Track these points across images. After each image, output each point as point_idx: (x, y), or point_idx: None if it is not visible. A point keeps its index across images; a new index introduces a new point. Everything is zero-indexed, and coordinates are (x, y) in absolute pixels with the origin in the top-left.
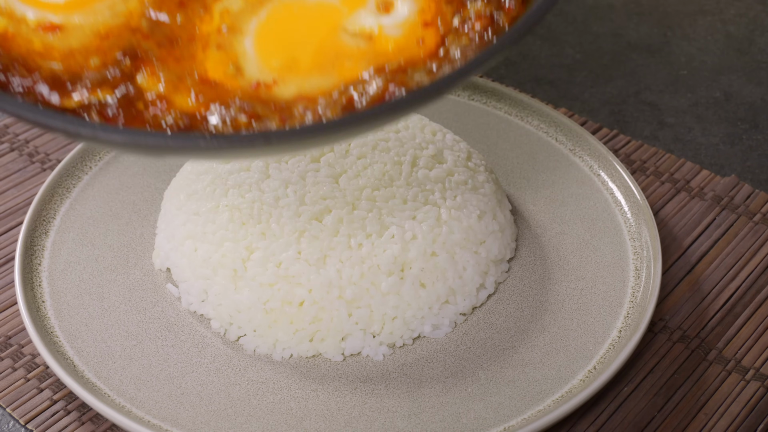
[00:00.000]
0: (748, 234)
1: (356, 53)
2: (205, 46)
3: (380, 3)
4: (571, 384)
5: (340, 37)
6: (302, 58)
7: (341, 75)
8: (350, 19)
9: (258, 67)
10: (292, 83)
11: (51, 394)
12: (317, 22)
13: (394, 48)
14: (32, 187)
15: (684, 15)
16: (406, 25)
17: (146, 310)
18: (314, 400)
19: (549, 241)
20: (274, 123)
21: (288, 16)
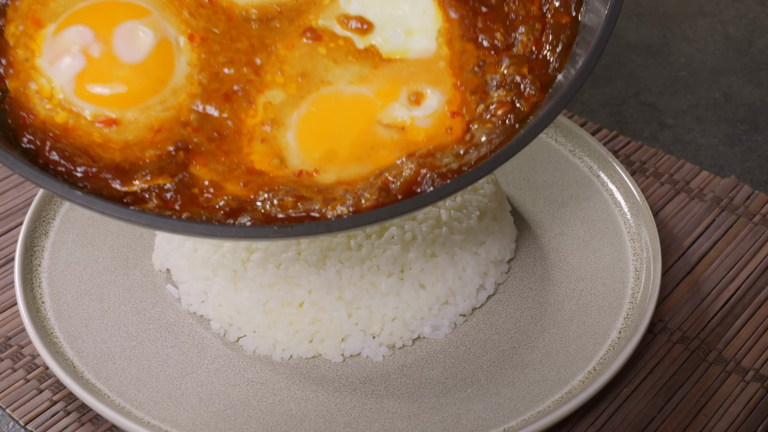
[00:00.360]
0: (748, 235)
1: (390, 143)
2: (251, 139)
3: (411, 95)
4: (570, 385)
5: (375, 129)
6: (341, 150)
7: (376, 163)
8: (384, 112)
9: (300, 158)
10: (332, 171)
11: (51, 394)
12: (354, 114)
13: (424, 137)
14: (32, 188)
15: (684, 16)
16: (435, 115)
17: (146, 311)
18: (314, 401)
19: (549, 242)
20: (318, 203)
21: (326, 108)
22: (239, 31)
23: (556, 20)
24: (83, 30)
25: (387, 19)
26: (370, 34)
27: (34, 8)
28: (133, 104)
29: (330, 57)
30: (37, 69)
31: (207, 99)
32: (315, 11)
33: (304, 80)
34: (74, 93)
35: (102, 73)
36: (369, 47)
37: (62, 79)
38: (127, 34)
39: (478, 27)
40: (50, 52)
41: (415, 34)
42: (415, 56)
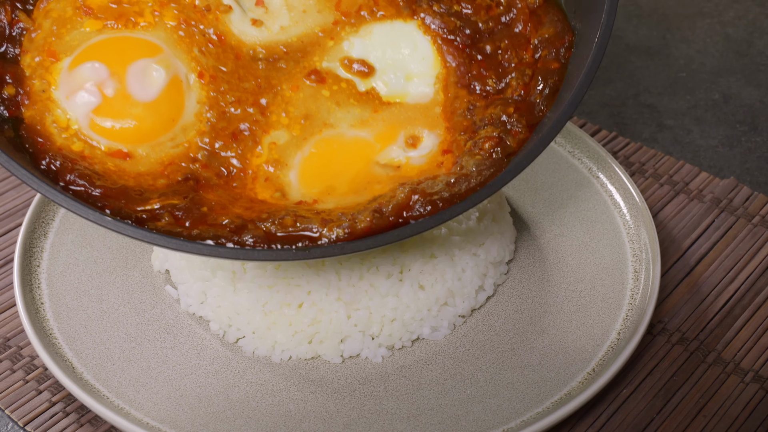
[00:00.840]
0: (747, 236)
1: (385, 179)
2: (255, 178)
3: (408, 138)
4: (570, 386)
5: (373, 169)
6: (339, 187)
7: (372, 194)
8: (382, 154)
9: (300, 192)
10: (330, 202)
11: (50, 395)
12: (353, 156)
13: (417, 173)
14: (31, 189)
15: (683, 17)
16: (429, 155)
17: (145, 312)
18: (313, 402)
19: (548, 243)
20: (316, 223)
21: (328, 150)
22: (247, 70)
23: (546, 66)
24: (98, 66)
25: (388, 62)
26: (372, 78)
27: (50, 41)
28: (145, 141)
29: (333, 99)
30: (54, 101)
31: (215, 137)
32: (319, 53)
33: (307, 122)
34: (89, 127)
35: (116, 111)
36: (370, 90)
37: (77, 113)
38: (140, 73)
39: (472, 74)
40: (66, 85)
41: (414, 79)
42: (413, 101)
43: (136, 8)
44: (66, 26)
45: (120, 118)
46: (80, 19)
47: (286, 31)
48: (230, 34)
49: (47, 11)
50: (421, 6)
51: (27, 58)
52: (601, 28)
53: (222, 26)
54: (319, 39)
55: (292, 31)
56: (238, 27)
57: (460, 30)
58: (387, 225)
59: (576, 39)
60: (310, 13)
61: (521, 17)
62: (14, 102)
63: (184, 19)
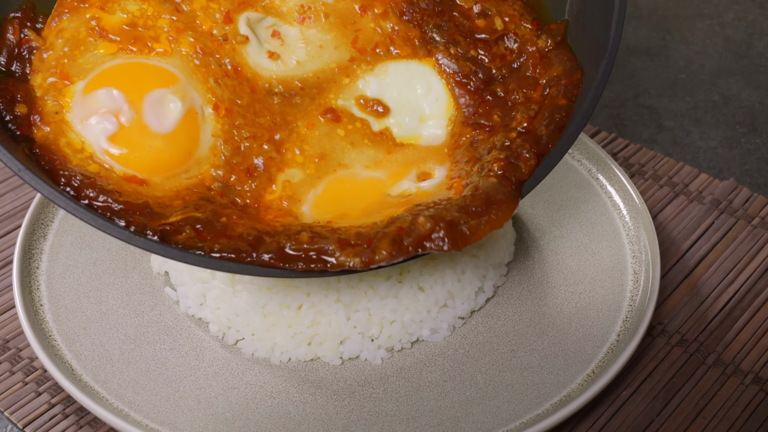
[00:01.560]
0: (747, 237)
1: (397, 205)
2: (268, 208)
3: (420, 174)
4: (569, 388)
5: (385, 200)
6: (352, 213)
7: (384, 216)
8: (393, 188)
9: (314, 219)
10: (344, 223)
11: (49, 397)
12: (366, 192)
13: (427, 198)
14: (30, 191)
15: (682, 19)
16: (438, 183)
17: (144, 314)
18: (312, 404)
19: (547, 244)
20: (332, 244)
21: (341, 189)
22: (262, 105)
23: (553, 102)
24: (115, 93)
25: (402, 102)
26: (386, 118)
27: (62, 62)
28: (160, 173)
29: (347, 139)
30: (67, 123)
31: (230, 171)
32: (335, 90)
33: (322, 161)
34: (104, 153)
35: (132, 140)
36: (384, 130)
37: (92, 138)
38: (157, 103)
39: (479, 112)
40: (81, 109)
41: (427, 121)
42: (426, 143)
43: (152, 33)
44: (79, 48)
45: (136, 148)
46: (94, 41)
47: (302, 66)
48: (246, 66)
49: (59, 30)
50: (437, 47)
51: (38, 78)
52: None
53: (239, 57)
54: (334, 75)
55: (308, 67)
56: (255, 59)
57: (474, 74)
58: (405, 254)
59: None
60: (326, 48)
61: (532, 61)
62: (26, 121)
63: (201, 47)
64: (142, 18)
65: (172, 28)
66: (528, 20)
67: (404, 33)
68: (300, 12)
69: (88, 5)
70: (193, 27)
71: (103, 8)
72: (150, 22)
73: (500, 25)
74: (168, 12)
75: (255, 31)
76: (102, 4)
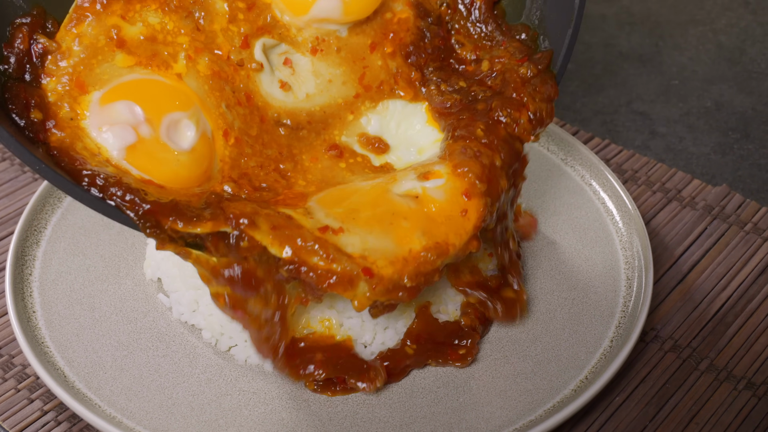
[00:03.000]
0: (739, 243)
1: (409, 213)
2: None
3: (421, 175)
4: (562, 394)
5: (391, 197)
6: (361, 209)
7: (398, 236)
8: (396, 186)
9: (324, 212)
10: (356, 234)
11: (41, 404)
12: (369, 188)
13: (439, 212)
14: (24, 197)
15: (675, 25)
16: (446, 187)
17: (137, 321)
18: (305, 411)
19: (540, 250)
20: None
21: (345, 188)
22: (270, 136)
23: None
24: (135, 108)
25: (401, 139)
26: (386, 154)
27: (78, 69)
28: (177, 185)
29: (349, 170)
30: (83, 129)
31: (238, 190)
32: (339, 126)
33: (323, 184)
34: (124, 159)
35: (153, 152)
36: (384, 164)
37: (110, 146)
38: (174, 126)
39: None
40: (98, 118)
41: (425, 152)
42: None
43: (170, 49)
44: (97, 57)
45: (158, 160)
46: (112, 51)
47: (310, 99)
48: (258, 95)
49: (79, 36)
50: (430, 86)
51: (52, 83)
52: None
53: (252, 85)
54: (340, 111)
55: (317, 100)
56: (267, 88)
57: (458, 102)
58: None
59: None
60: (335, 83)
61: (514, 85)
62: (42, 127)
63: (217, 70)
64: (162, 32)
65: (190, 47)
66: (518, 57)
67: (407, 75)
68: (314, 43)
69: (109, 12)
70: (211, 49)
71: (124, 17)
72: (169, 38)
73: (486, 67)
74: (188, 29)
75: (269, 57)
76: (123, 13)
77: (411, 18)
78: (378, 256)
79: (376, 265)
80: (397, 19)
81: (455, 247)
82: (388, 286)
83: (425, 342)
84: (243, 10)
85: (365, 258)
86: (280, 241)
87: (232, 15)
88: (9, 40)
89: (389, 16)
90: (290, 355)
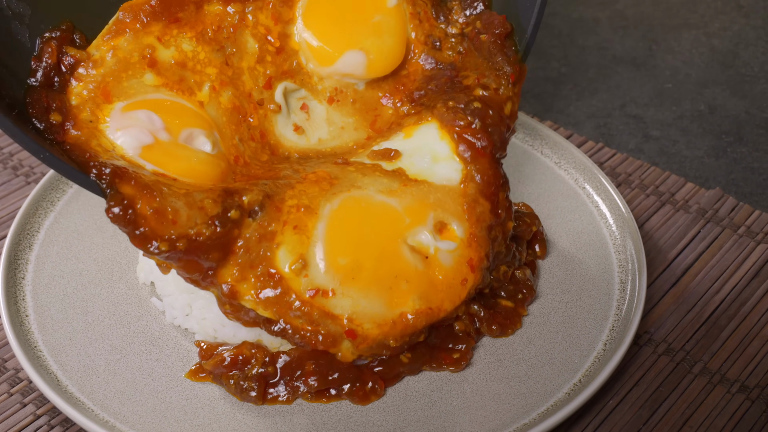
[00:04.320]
0: (733, 247)
1: (412, 275)
2: (285, 222)
3: (437, 223)
4: (556, 397)
5: (401, 249)
6: (366, 264)
7: (394, 301)
8: (411, 232)
9: (324, 263)
10: (349, 298)
11: (34, 408)
12: (383, 222)
13: (443, 280)
14: (16, 201)
15: (669, 28)
16: (456, 254)
17: (130, 324)
18: (299, 415)
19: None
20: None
21: (357, 209)
22: (279, 160)
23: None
24: (153, 116)
25: (415, 148)
26: (398, 160)
27: (108, 80)
28: (193, 179)
29: (359, 172)
30: (101, 131)
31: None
32: (347, 156)
33: (336, 181)
34: (139, 156)
35: (169, 151)
36: (396, 170)
37: (127, 144)
38: (191, 138)
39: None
40: (118, 122)
41: (440, 162)
42: (440, 182)
43: (197, 78)
44: (127, 71)
45: (174, 156)
46: (143, 69)
47: (322, 143)
48: (271, 134)
49: (114, 48)
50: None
51: (79, 87)
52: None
53: (267, 123)
54: (351, 150)
55: (328, 144)
56: (281, 129)
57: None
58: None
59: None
60: (347, 129)
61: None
62: (61, 128)
63: (237, 105)
64: (193, 60)
65: (217, 79)
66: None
67: (417, 113)
68: (332, 93)
69: (147, 32)
70: (236, 84)
71: (160, 39)
72: (198, 67)
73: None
74: (217, 62)
75: (287, 99)
76: (160, 35)
77: (420, 69)
78: (365, 320)
79: (361, 328)
80: (407, 72)
81: (446, 312)
82: (372, 345)
83: (420, 348)
84: (272, 53)
85: (352, 320)
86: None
87: (261, 56)
88: (38, 53)
89: (405, 73)
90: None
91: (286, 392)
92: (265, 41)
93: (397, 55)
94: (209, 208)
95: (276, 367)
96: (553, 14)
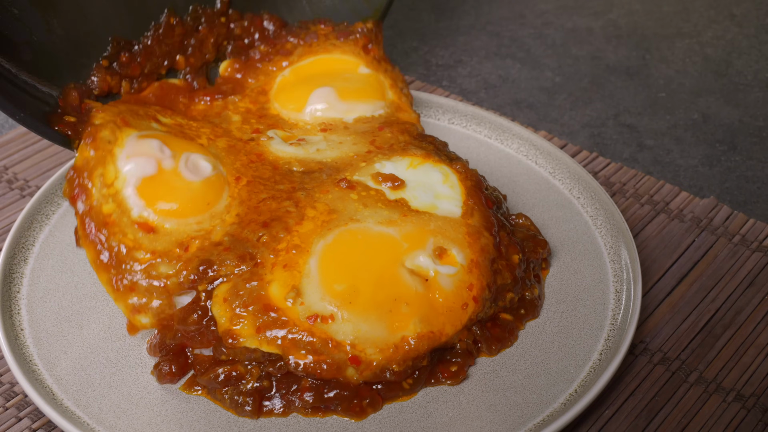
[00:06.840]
0: (727, 255)
1: (412, 297)
2: (274, 264)
3: (437, 249)
4: (552, 408)
5: (400, 272)
6: (363, 289)
7: (393, 325)
8: (410, 256)
9: (320, 291)
10: (349, 322)
11: (30, 423)
12: (379, 250)
13: (443, 303)
14: (11, 214)
15: (662, 38)
16: (456, 278)
17: (125, 338)
18: (294, 425)
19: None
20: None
21: (352, 241)
22: (283, 176)
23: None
24: (166, 149)
25: (418, 183)
26: (402, 190)
27: (126, 115)
28: (177, 216)
29: (361, 202)
30: (113, 155)
31: (244, 227)
32: (351, 170)
33: (334, 215)
34: (135, 189)
35: (165, 182)
36: (399, 199)
37: (131, 173)
38: (192, 160)
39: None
40: (131, 148)
41: (442, 199)
42: (442, 213)
43: (195, 133)
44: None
45: (166, 190)
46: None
47: (321, 153)
48: (268, 153)
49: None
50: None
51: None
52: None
53: (262, 148)
54: (352, 161)
55: (328, 154)
56: (277, 146)
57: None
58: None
59: None
60: (345, 143)
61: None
62: (74, 129)
63: (231, 145)
64: (187, 127)
65: (212, 132)
66: None
67: (419, 145)
68: (322, 128)
69: (144, 113)
70: (228, 135)
71: (155, 117)
72: (193, 132)
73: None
74: (208, 127)
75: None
76: (155, 114)
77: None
78: (368, 345)
79: (364, 353)
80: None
81: (448, 336)
82: (375, 370)
83: (421, 373)
84: (255, 116)
85: (354, 346)
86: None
87: (246, 119)
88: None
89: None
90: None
91: (281, 405)
92: (248, 113)
93: (369, 91)
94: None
95: (271, 381)
96: (547, 24)
